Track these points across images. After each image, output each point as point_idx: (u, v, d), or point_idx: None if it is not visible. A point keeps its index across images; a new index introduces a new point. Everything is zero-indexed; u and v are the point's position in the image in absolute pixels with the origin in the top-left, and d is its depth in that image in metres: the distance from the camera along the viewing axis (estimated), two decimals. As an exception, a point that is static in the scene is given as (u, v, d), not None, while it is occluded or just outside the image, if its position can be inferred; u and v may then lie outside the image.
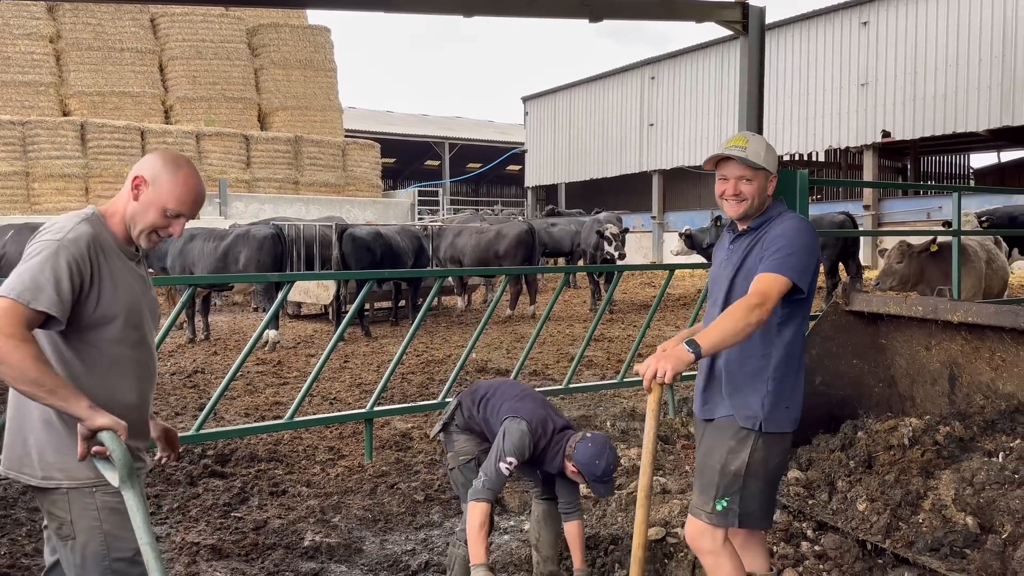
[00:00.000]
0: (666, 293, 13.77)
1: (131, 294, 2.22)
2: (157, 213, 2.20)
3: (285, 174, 24.48)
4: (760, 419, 2.63)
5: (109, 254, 2.18)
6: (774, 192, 2.77)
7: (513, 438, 3.23)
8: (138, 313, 2.24)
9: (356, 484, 4.85)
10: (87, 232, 2.15)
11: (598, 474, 3.19)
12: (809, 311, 2.74)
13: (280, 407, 6.68)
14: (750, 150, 2.68)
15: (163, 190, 2.20)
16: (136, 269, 2.28)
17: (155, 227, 2.22)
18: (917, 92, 17.93)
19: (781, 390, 2.65)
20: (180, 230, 2.26)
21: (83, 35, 23.13)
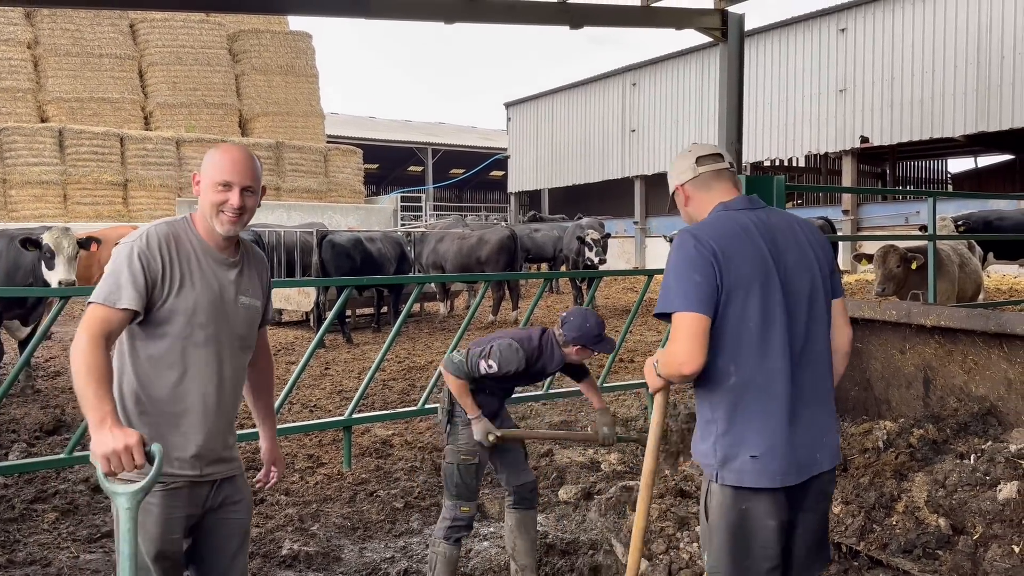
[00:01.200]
0: (648, 298, 13.82)
1: (204, 294, 2.28)
2: (211, 190, 2.30)
3: (266, 180, 24.29)
4: (714, 467, 2.18)
5: (187, 254, 2.29)
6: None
7: (500, 351, 3.37)
8: (208, 313, 2.28)
9: (335, 492, 4.83)
10: (161, 232, 2.29)
11: (595, 333, 3.37)
12: (742, 335, 2.13)
13: (260, 415, 6.63)
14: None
15: (208, 169, 2.32)
16: (225, 273, 2.34)
17: (216, 205, 2.29)
18: (895, 98, 18.15)
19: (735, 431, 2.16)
20: (238, 199, 2.29)
21: (61, 41, 22.94)
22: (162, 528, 2.26)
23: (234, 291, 2.36)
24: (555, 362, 3.45)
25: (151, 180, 22.50)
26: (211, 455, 2.33)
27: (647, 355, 9.11)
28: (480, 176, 36.86)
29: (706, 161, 2.33)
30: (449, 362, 3.43)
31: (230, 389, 2.38)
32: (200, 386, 2.29)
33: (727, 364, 2.13)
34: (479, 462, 3.49)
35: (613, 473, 5.06)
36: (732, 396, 2.13)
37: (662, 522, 3.97)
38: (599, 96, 26.69)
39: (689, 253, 2.15)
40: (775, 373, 2.13)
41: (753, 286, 2.13)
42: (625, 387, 6.60)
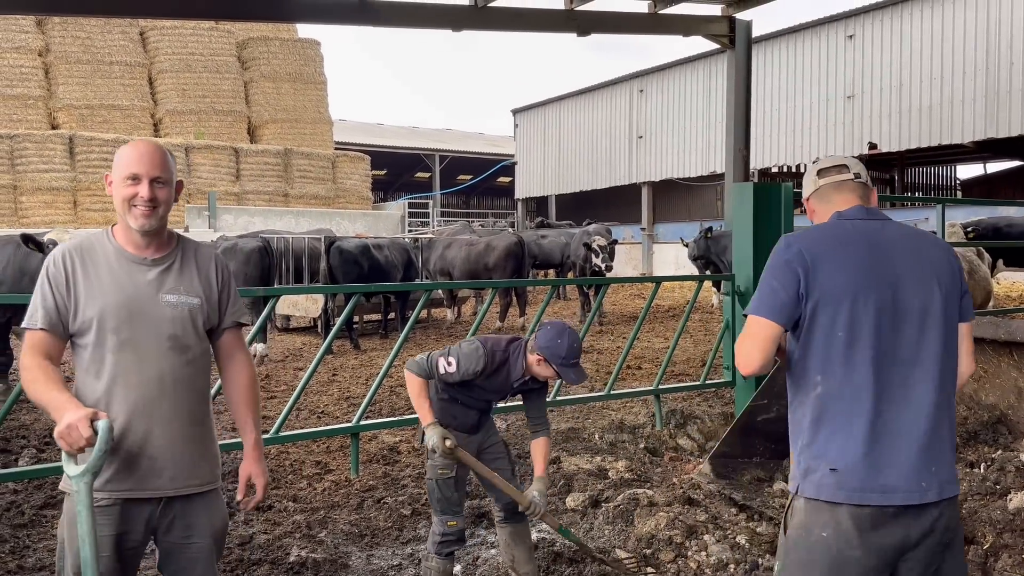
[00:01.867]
0: (656, 305, 13.81)
1: (113, 297, 2.24)
2: (121, 185, 2.28)
3: (275, 187, 24.46)
4: (797, 480, 2.14)
5: (97, 262, 2.27)
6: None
7: (464, 351, 3.24)
8: (119, 317, 2.23)
9: (343, 499, 4.83)
10: (68, 246, 2.30)
11: (563, 354, 3.14)
12: (817, 341, 2.10)
13: (267, 421, 6.64)
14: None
15: (116, 166, 2.31)
16: (142, 274, 2.29)
17: (127, 200, 2.27)
18: (903, 104, 18.11)
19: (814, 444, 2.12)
20: (148, 190, 2.25)
21: (72, 48, 23.10)
22: (101, 544, 2.14)
23: (154, 290, 2.28)
24: (517, 371, 3.26)
25: (160, 186, 22.61)
26: (151, 469, 2.21)
27: (654, 362, 9.11)
28: (487, 182, 36.92)
29: (828, 173, 2.30)
30: (411, 362, 3.31)
31: (169, 394, 2.25)
32: (125, 393, 2.20)
33: (814, 374, 2.10)
34: (457, 475, 3.40)
35: (621, 481, 5.04)
36: (817, 407, 2.09)
37: (670, 530, 3.97)
38: (606, 103, 26.72)
39: (776, 259, 2.15)
40: (862, 388, 2.05)
41: (846, 296, 2.07)
42: (632, 394, 6.58)
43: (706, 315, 13.51)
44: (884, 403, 2.05)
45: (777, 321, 2.09)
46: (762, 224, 5.67)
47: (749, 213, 5.60)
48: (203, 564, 2.32)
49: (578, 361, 3.20)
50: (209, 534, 2.32)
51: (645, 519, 4.11)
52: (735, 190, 5.77)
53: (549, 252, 16.39)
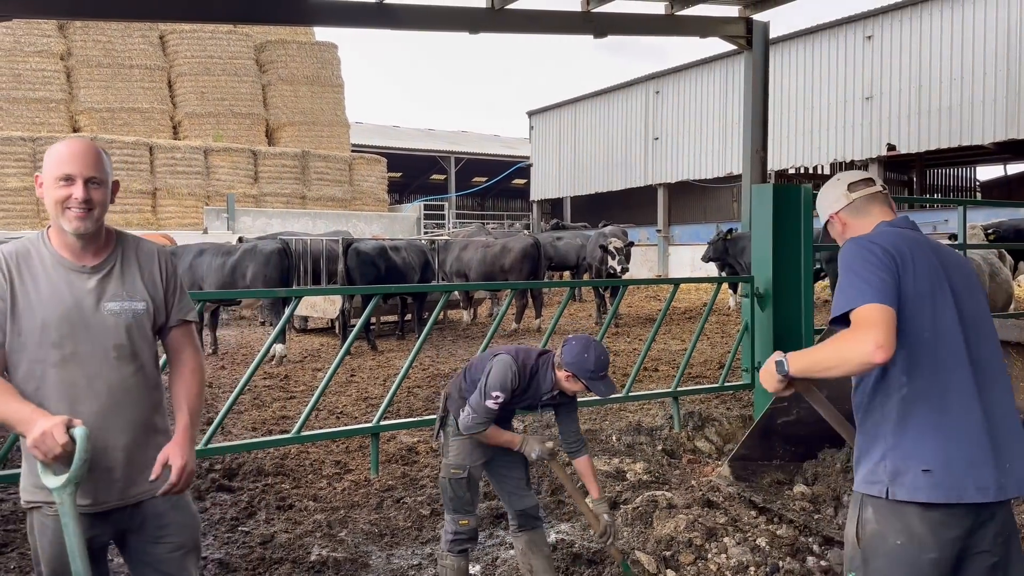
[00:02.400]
0: (672, 306, 13.79)
1: (54, 308, 2.12)
2: (53, 187, 2.16)
3: (292, 189, 24.62)
4: (884, 483, 2.12)
5: (33, 270, 2.14)
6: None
7: (496, 372, 3.23)
8: (59, 329, 2.12)
9: (362, 498, 4.87)
10: (8, 251, 2.18)
11: (590, 368, 3.16)
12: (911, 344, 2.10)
13: (287, 421, 6.71)
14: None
15: (47, 166, 2.19)
16: (82, 282, 2.17)
17: (60, 202, 2.14)
18: (923, 105, 17.97)
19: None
20: (82, 191, 2.14)
21: (93, 52, 23.36)
22: (54, 550, 2.13)
23: (95, 299, 2.17)
24: (545, 384, 3.30)
25: (179, 189, 22.82)
26: (109, 481, 2.16)
27: (672, 364, 9.09)
28: (503, 184, 36.97)
29: (858, 187, 2.34)
30: (466, 427, 3.27)
31: (122, 405, 2.19)
32: (73, 409, 2.09)
33: (899, 375, 2.09)
34: (469, 476, 3.42)
35: (639, 483, 5.05)
36: (903, 407, 2.09)
37: (690, 533, 3.97)
38: (622, 104, 26.68)
39: (871, 256, 2.12)
40: (950, 389, 2.09)
41: (927, 298, 2.12)
42: (650, 396, 6.58)
43: (723, 317, 13.46)
44: (971, 404, 2.09)
45: (894, 307, 2.04)
46: (781, 226, 5.66)
47: (769, 215, 5.58)
48: (177, 562, 2.27)
49: (606, 373, 3.22)
50: (182, 532, 2.29)
51: (664, 521, 4.12)
52: (754, 191, 5.76)
53: (564, 254, 16.38)
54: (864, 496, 2.15)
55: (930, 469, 2.05)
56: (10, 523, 4.36)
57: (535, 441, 3.35)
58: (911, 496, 2.06)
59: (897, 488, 2.07)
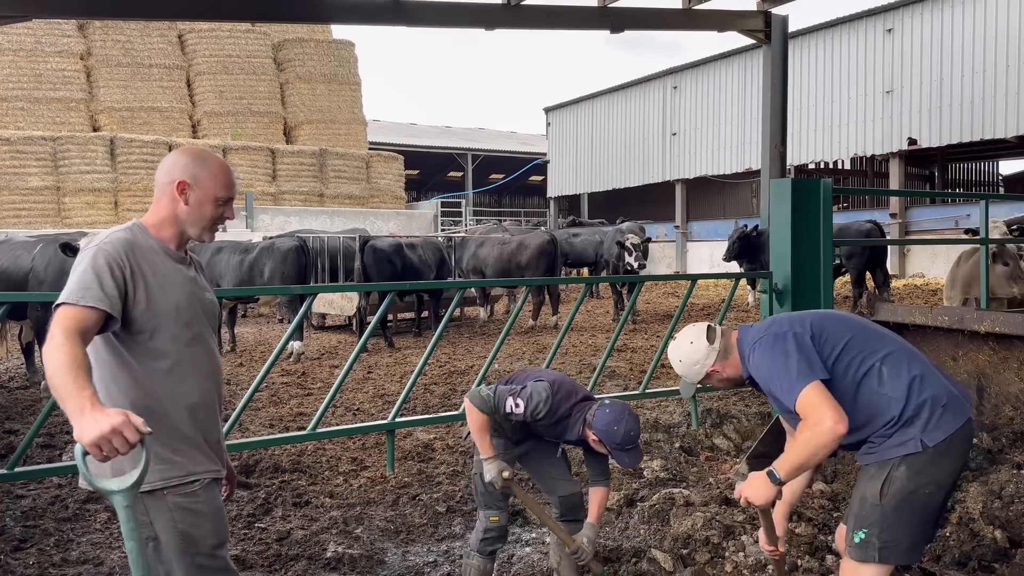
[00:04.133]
0: (690, 303, 13.70)
1: (180, 294, 2.28)
2: (212, 205, 2.32)
3: (310, 187, 24.73)
4: (916, 438, 2.47)
5: (151, 257, 2.26)
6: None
7: (531, 392, 3.21)
8: (188, 312, 2.29)
9: (378, 495, 4.87)
10: (123, 238, 2.26)
11: (617, 441, 3.13)
12: (862, 358, 2.52)
13: (304, 418, 6.73)
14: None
15: (208, 184, 2.31)
16: (186, 271, 2.35)
17: (215, 220, 2.35)
18: (944, 99, 17.72)
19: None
20: (233, 212, 2.40)
21: (113, 52, 23.58)
22: (218, 517, 2.30)
23: (199, 286, 2.39)
24: (574, 433, 3.28)
25: (198, 187, 22.99)
26: (218, 454, 2.36)
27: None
28: (519, 181, 36.92)
29: (713, 334, 2.68)
30: (476, 395, 3.27)
31: (219, 383, 2.43)
32: (200, 384, 2.31)
33: (877, 371, 2.51)
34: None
35: (656, 480, 5.01)
36: (888, 381, 2.49)
37: (707, 530, 3.93)
38: (639, 100, 26.55)
39: (781, 345, 2.50)
40: (901, 358, 2.55)
41: (838, 335, 2.58)
42: (667, 393, 6.53)
43: (742, 313, 13.36)
44: (918, 361, 2.59)
45: (823, 373, 2.49)
46: (800, 221, 5.59)
47: (787, 210, 5.52)
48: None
49: (635, 446, 3.18)
50: None
51: (681, 519, 4.08)
52: (773, 186, 5.69)
53: (581, 251, 16.33)
54: (899, 458, 2.44)
55: (945, 403, 2.44)
56: (29, 519, 4.40)
57: (496, 466, 3.24)
58: (947, 430, 2.42)
59: (930, 434, 2.41)
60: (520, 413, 3.20)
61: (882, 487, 2.44)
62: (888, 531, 2.44)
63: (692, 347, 2.67)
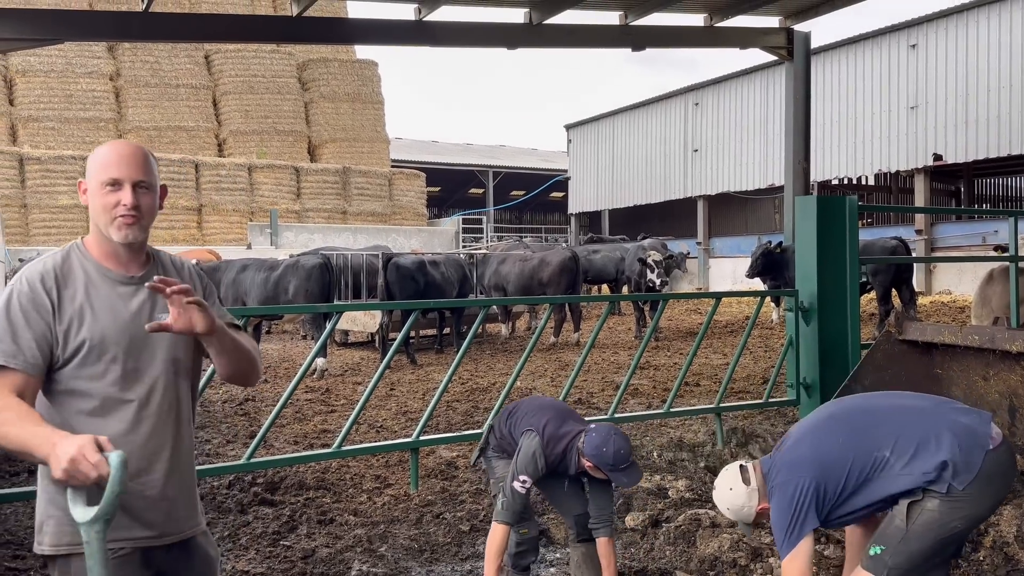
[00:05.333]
0: (713, 320, 13.62)
1: (109, 323, 1.96)
2: (99, 193, 1.99)
3: (334, 204, 24.94)
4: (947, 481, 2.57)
5: (80, 283, 1.97)
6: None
7: (525, 455, 3.31)
8: (117, 344, 1.96)
9: (402, 513, 4.87)
10: (42, 268, 1.97)
11: (610, 462, 3.19)
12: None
13: (328, 435, 6.76)
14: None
15: (92, 172, 2.02)
16: (129, 297, 2.01)
17: (108, 208, 1.98)
18: (969, 114, 17.55)
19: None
20: (131, 196, 1.97)
21: (141, 72, 24.00)
22: None
23: (149, 311, 2.01)
24: (571, 467, 3.37)
25: (224, 205, 23.28)
26: (170, 511, 2.02)
27: (713, 379, 8.97)
28: (540, 197, 37.01)
29: (747, 474, 2.78)
30: (501, 513, 3.37)
31: (182, 423, 2.06)
32: (138, 429, 1.97)
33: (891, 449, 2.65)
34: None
35: (681, 500, 4.96)
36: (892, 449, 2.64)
37: (734, 552, 3.89)
38: (661, 117, 26.56)
39: (789, 506, 2.68)
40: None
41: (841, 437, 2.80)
42: (693, 412, 6.48)
43: (766, 331, 13.26)
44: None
45: (808, 531, 2.68)
46: (826, 238, 5.55)
47: (813, 226, 5.49)
48: None
49: (628, 464, 3.23)
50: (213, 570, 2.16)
51: (708, 540, 4.04)
52: (798, 203, 5.67)
53: (601, 267, 16.32)
54: (927, 490, 2.53)
55: (960, 446, 2.55)
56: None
57: None
58: (972, 471, 2.50)
59: (958, 480, 2.49)
60: (529, 484, 3.32)
61: (910, 511, 2.53)
62: (903, 555, 2.52)
63: (733, 494, 2.78)
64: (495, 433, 3.63)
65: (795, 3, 13.33)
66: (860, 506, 2.66)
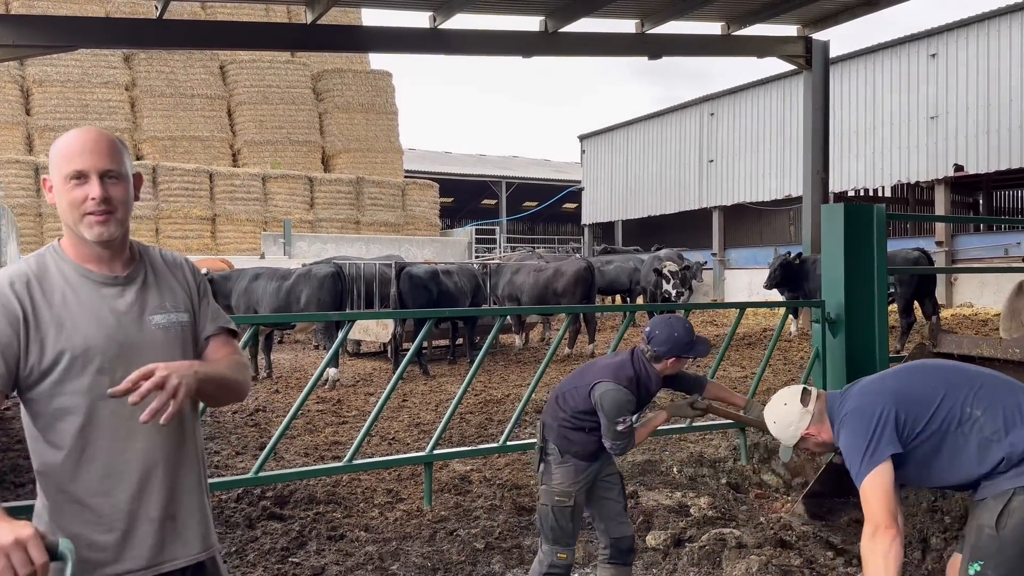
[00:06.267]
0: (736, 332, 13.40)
1: (94, 330, 1.76)
2: (65, 190, 1.77)
3: (347, 214, 24.92)
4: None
5: (58, 288, 1.77)
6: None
7: (611, 404, 3.20)
8: (105, 354, 1.76)
9: (415, 530, 4.71)
10: (12, 272, 1.78)
11: (686, 340, 3.22)
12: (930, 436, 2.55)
13: (339, 447, 6.62)
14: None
15: (55, 165, 1.80)
16: (115, 298, 1.82)
17: (75, 206, 1.77)
18: (991, 124, 17.29)
19: None
20: (99, 189, 1.76)
21: (156, 82, 24.12)
22: None
23: (137, 314, 1.82)
24: (654, 382, 3.30)
25: (238, 215, 23.30)
26: (176, 533, 1.85)
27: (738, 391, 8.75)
28: (553, 208, 36.91)
29: (807, 399, 2.69)
30: (619, 448, 3.30)
31: (186, 438, 1.87)
32: (132, 447, 1.77)
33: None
34: (575, 504, 3.29)
35: (704, 519, 4.78)
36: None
37: (762, 574, 3.71)
38: (675, 127, 26.41)
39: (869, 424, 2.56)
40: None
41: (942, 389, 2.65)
42: (717, 426, 6.29)
43: (784, 343, 13.02)
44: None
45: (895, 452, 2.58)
46: (854, 247, 5.38)
47: (840, 236, 5.31)
48: None
49: (696, 337, 3.27)
50: None
51: (734, 562, 3.86)
52: (824, 212, 5.50)
53: (614, 278, 16.16)
54: (1016, 488, 2.40)
55: None
56: None
57: (680, 408, 3.53)
58: None
59: None
60: (628, 421, 3.24)
61: (999, 518, 2.41)
62: (1005, 565, 2.40)
63: (786, 409, 2.70)
64: (549, 430, 3.37)
65: (813, 12, 13.20)
66: (942, 466, 2.50)
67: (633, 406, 3.24)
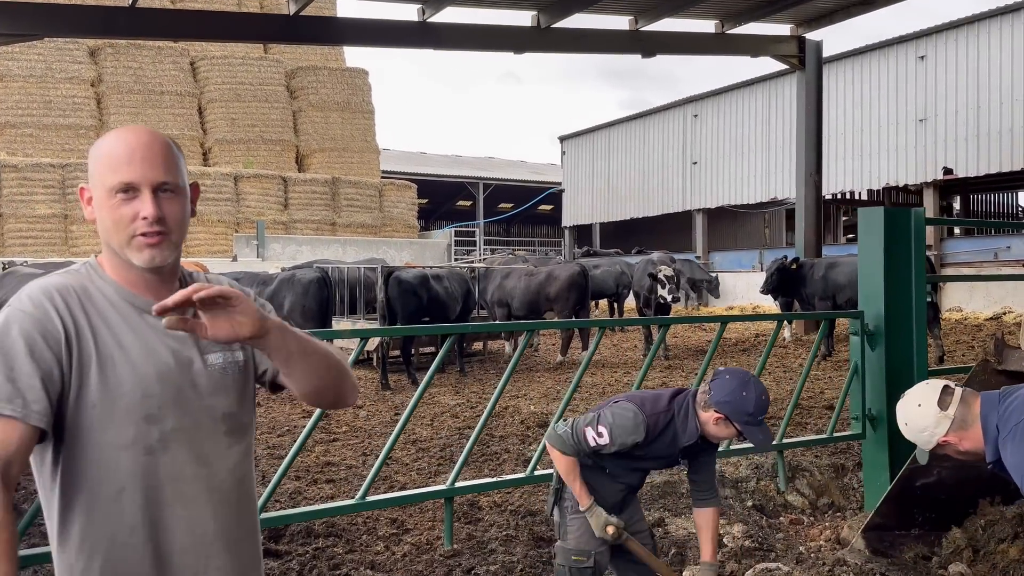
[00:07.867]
0: (723, 338, 13.08)
1: (149, 366, 1.44)
2: (111, 205, 1.45)
3: (322, 215, 24.30)
4: None
5: (100, 308, 1.45)
6: None
7: (617, 417, 2.68)
8: (161, 396, 1.44)
9: (426, 567, 4.24)
10: (53, 283, 1.44)
11: (749, 411, 2.59)
12: None
13: (332, 468, 6.14)
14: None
15: (97, 174, 1.49)
16: (171, 331, 1.42)
17: (122, 225, 1.45)
18: (980, 127, 17.21)
19: None
20: (152, 206, 1.44)
21: (124, 78, 23.30)
22: None
23: (192, 351, 1.50)
24: (688, 432, 2.71)
25: (209, 215, 22.57)
26: None
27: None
28: (530, 210, 36.57)
29: (947, 401, 2.32)
30: (552, 435, 2.80)
31: (241, 502, 1.56)
32: (178, 515, 1.46)
33: None
34: (595, 565, 2.83)
35: (741, 550, 4.38)
36: None
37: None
38: (658, 128, 26.16)
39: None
40: None
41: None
42: (749, 451, 5.80)
43: (779, 349, 12.72)
44: None
45: None
46: (892, 255, 5.02)
47: (880, 242, 4.95)
48: None
49: (764, 415, 2.64)
50: None
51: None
52: (861, 216, 5.15)
53: (601, 282, 15.82)
54: None
55: None
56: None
57: (599, 518, 2.74)
58: None
59: None
60: (606, 443, 2.67)
61: None
62: None
63: (920, 411, 2.34)
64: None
65: (808, 10, 12.97)
66: None
67: (637, 438, 2.67)
